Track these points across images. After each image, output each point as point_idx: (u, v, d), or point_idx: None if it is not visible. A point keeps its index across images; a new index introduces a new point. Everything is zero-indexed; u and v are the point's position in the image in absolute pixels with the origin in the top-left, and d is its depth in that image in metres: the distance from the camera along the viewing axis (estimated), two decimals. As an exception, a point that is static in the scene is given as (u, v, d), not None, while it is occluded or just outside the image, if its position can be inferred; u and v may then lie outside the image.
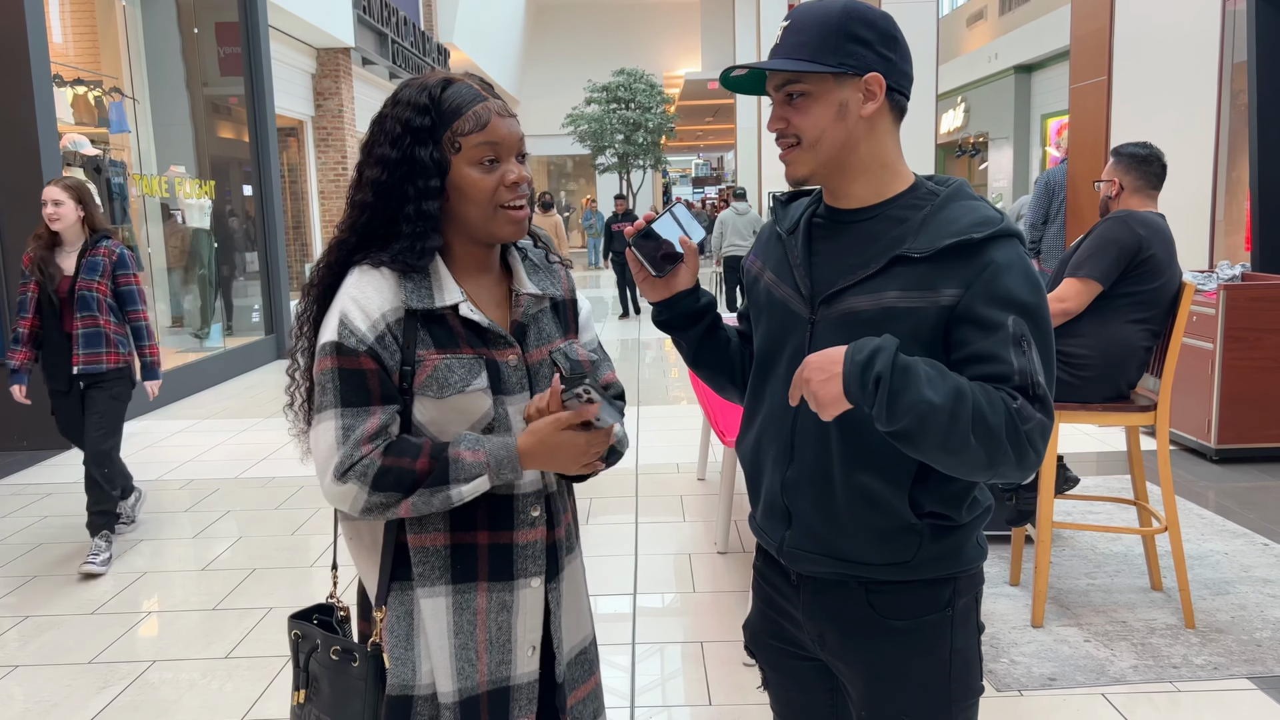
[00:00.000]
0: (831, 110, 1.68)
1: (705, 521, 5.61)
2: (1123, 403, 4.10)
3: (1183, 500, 5.65)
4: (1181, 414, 6.70)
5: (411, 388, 1.76)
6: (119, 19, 10.08)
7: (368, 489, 1.70)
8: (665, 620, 4.30)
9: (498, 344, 1.82)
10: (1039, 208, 8.86)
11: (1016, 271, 1.60)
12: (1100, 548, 4.96)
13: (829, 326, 1.71)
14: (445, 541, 1.81)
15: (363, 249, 1.82)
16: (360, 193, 1.81)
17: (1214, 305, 6.33)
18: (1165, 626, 4.05)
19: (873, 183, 1.74)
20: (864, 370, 1.52)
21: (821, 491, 1.73)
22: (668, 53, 38.87)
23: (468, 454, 1.73)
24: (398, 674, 1.81)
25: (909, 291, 1.63)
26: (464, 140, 1.76)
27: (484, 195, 1.77)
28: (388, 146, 1.77)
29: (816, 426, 1.73)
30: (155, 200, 10.24)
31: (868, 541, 1.70)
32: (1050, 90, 20.29)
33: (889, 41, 1.69)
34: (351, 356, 1.72)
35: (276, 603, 4.56)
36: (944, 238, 1.62)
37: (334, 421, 1.72)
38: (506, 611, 1.84)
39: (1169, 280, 4.03)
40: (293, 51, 14.96)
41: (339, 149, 16.36)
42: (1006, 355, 1.57)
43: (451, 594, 1.81)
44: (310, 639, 1.93)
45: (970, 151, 24.99)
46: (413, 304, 1.75)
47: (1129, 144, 4.34)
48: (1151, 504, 5.20)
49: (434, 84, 1.80)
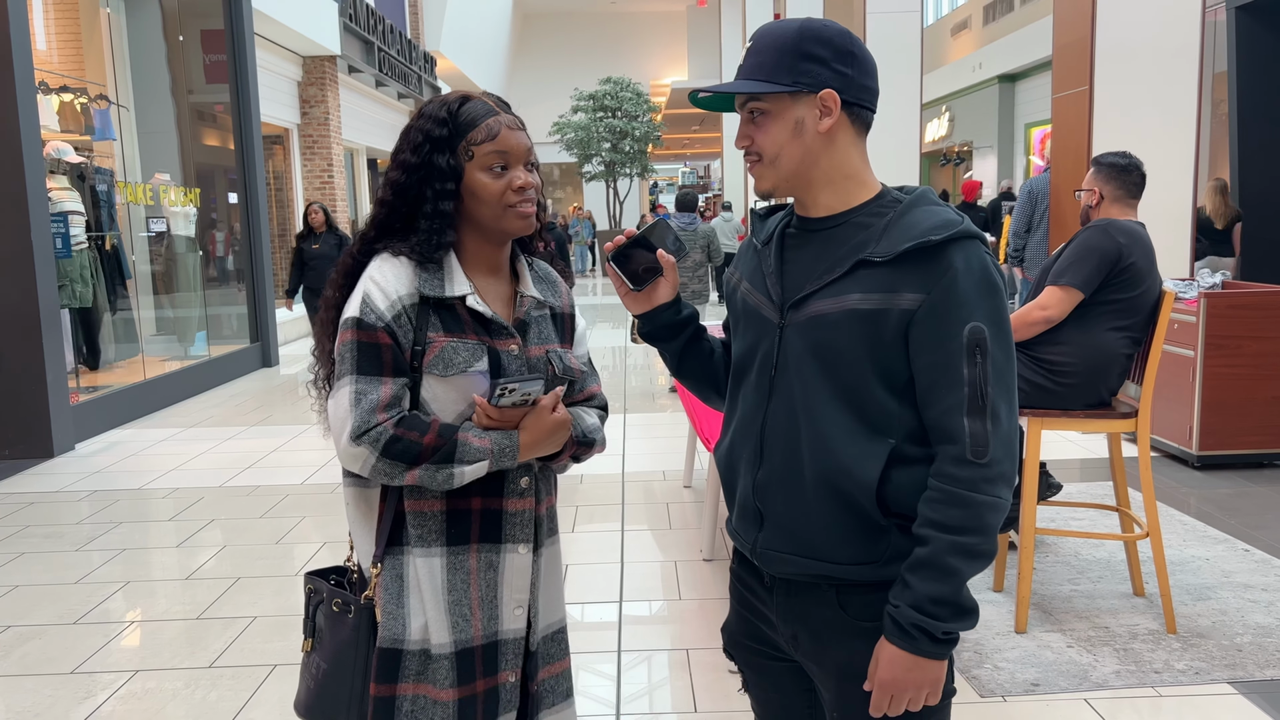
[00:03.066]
0: (789, 127, 1.74)
1: (691, 529, 5.61)
2: (1105, 410, 4.13)
3: (1164, 506, 5.67)
4: (1163, 421, 6.73)
5: (421, 366, 1.94)
6: (104, 26, 10.05)
7: (377, 454, 1.88)
8: (651, 628, 4.30)
9: (500, 334, 2.01)
10: (1022, 216, 8.89)
11: (975, 276, 1.66)
12: (1083, 554, 4.98)
13: (796, 331, 1.76)
14: (441, 507, 1.99)
15: (381, 241, 2.02)
16: (383, 192, 2.03)
17: (1195, 313, 6.36)
18: (1147, 632, 4.06)
19: (838, 193, 1.79)
20: (931, 637, 1.66)
21: (792, 491, 1.76)
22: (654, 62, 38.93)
23: (475, 439, 1.92)
24: (389, 627, 1.98)
25: (870, 294, 1.68)
26: (477, 149, 1.96)
27: (494, 197, 1.97)
28: (409, 153, 1.99)
29: (785, 427, 1.77)
30: (140, 208, 10.20)
31: (837, 539, 1.73)
32: (1034, 99, 20.41)
33: (845, 57, 1.73)
34: (370, 331, 1.92)
35: (260, 612, 4.54)
36: (904, 241, 1.67)
37: (350, 387, 1.91)
38: (493, 570, 2.02)
39: (1149, 288, 4.06)
40: (278, 59, 14.95)
41: (325, 156, 16.35)
42: (958, 366, 1.65)
43: (446, 554, 1.99)
44: (319, 593, 2.10)
45: (955, 160, 25.09)
46: (426, 291, 1.96)
47: (1109, 153, 4.36)
48: (1133, 510, 5.22)
49: (453, 100, 2.02)
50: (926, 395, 1.68)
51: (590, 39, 38.37)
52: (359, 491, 2.04)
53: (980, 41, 23.02)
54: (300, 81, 16.03)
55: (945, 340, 1.64)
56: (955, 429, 1.65)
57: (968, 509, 1.63)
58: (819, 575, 1.76)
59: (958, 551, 1.63)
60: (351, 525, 2.08)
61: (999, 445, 1.64)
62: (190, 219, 11.12)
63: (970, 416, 1.64)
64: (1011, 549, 4.95)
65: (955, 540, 1.63)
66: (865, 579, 1.73)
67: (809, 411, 1.74)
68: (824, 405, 1.72)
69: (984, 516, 1.64)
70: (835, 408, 1.72)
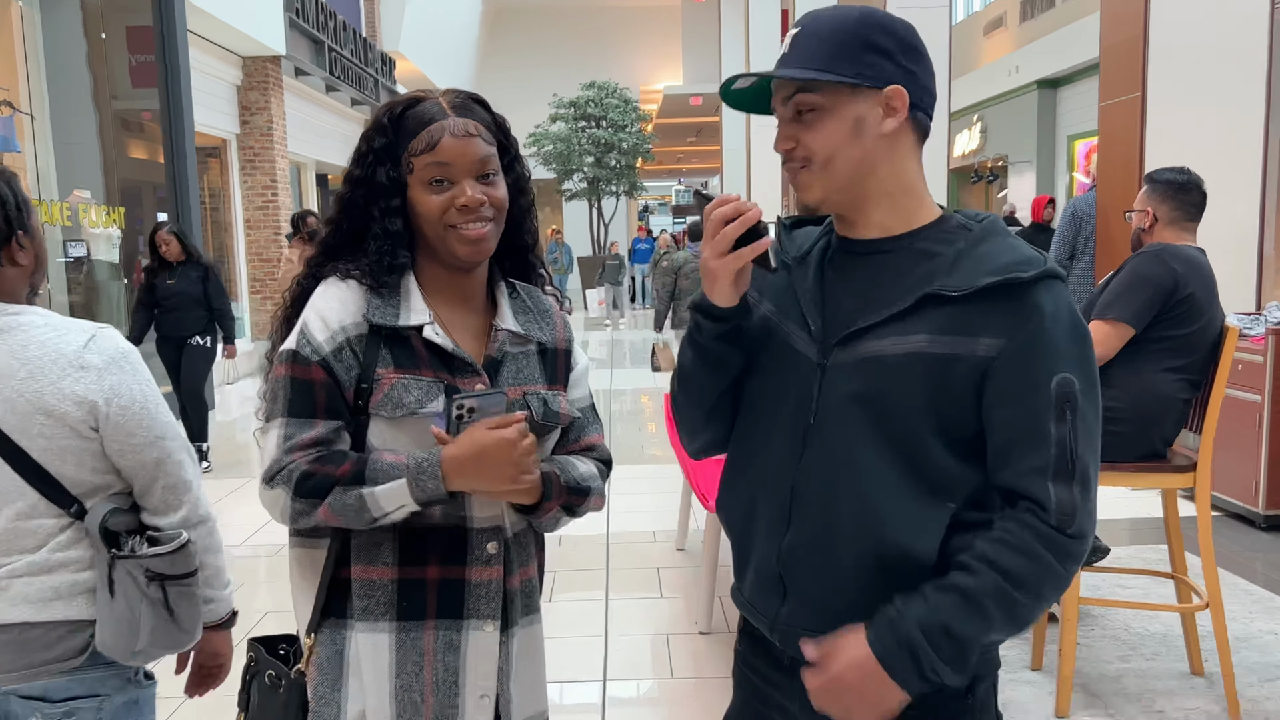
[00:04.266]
0: (846, 127, 1.69)
1: (686, 597, 5.61)
2: (1158, 462, 4.14)
3: (1226, 573, 5.69)
4: (1225, 475, 6.71)
5: (367, 407, 1.88)
6: (14, 22, 10.09)
7: (290, 493, 1.82)
8: (639, 711, 4.30)
9: (464, 372, 1.95)
10: (1064, 241, 8.85)
11: (1065, 321, 1.62)
12: (1134, 627, 5.00)
13: (842, 373, 1.70)
14: (393, 576, 1.92)
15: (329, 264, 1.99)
16: (332, 210, 2.02)
17: (1262, 352, 6.40)
18: (1207, 716, 4.08)
19: (895, 210, 1.74)
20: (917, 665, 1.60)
21: (826, 560, 1.71)
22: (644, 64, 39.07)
23: (389, 457, 1.85)
24: (321, 714, 1.93)
25: (941, 335, 1.64)
26: (416, 161, 1.92)
27: (433, 216, 1.92)
28: (355, 166, 1.96)
29: (822, 485, 1.72)
30: (56, 229, 10.21)
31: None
32: (1078, 108, 20.45)
33: (911, 53, 1.70)
34: (304, 366, 1.88)
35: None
36: (983, 275, 1.63)
37: (279, 430, 1.87)
38: (454, 652, 1.94)
39: (1209, 323, 4.07)
40: (215, 60, 14.99)
41: (267, 171, 16.30)
42: (1044, 423, 1.61)
43: (395, 632, 1.92)
44: (258, 662, 2.07)
45: (987, 177, 25.11)
46: (377, 319, 1.90)
47: (1164, 169, 4.37)
48: (1191, 577, 5.23)
49: (399, 103, 1.97)
50: (1003, 455, 1.65)
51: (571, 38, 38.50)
52: (303, 553, 2.00)
53: (1017, 42, 23.15)
54: (240, 86, 16.06)
55: (1030, 393, 1.61)
56: (1038, 494, 1.61)
57: (1035, 564, 1.60)
58: None
59: (1001, 599, 1.59)
60: (294, 590, 2.04)
61: (1086, 516, 1.62)
62: (114, 242, 11.11)
63: (1056, 481, 1.61)
64: (1052, 621, 4.95)
65: (1005, 588, 1.59)
66: None
67: (853, 467, 1.69)
68: (872, 461, 1.68)
69: (1045, 582, 1.61)
70: (886, 465, 1.67)
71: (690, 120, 36.27)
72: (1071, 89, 20.94)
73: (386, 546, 1.92)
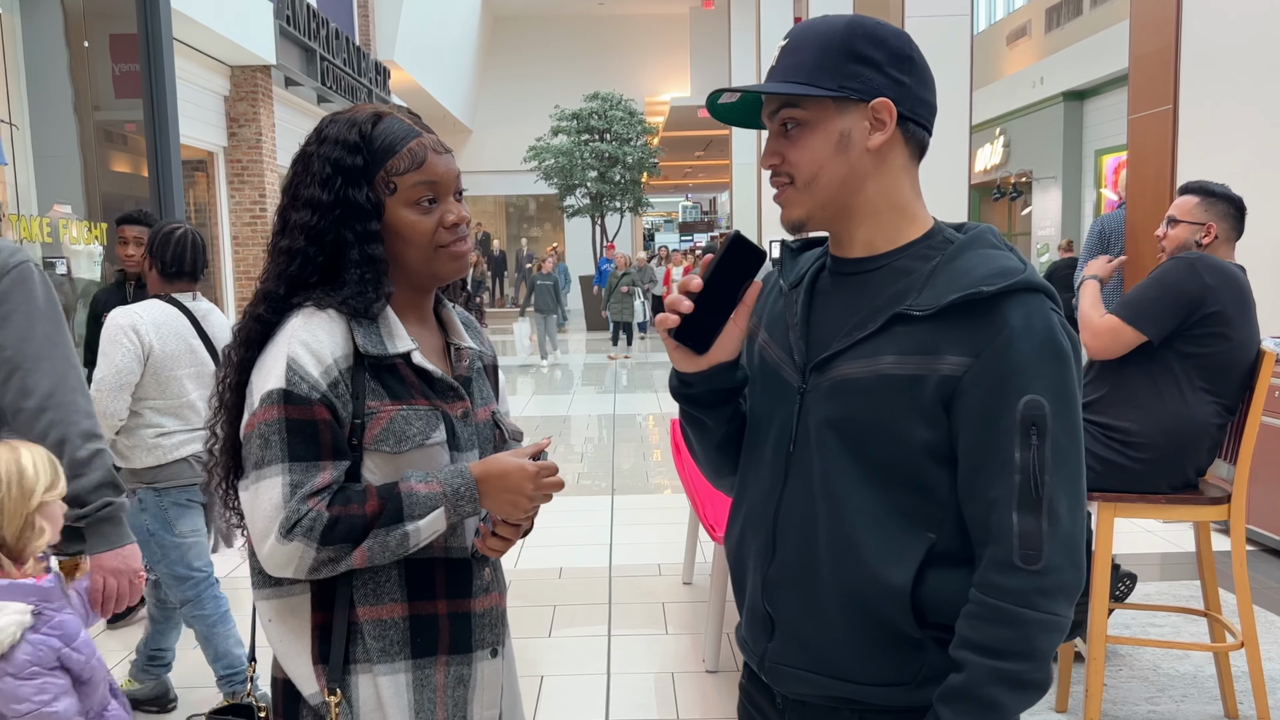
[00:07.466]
0: (831, 142, 1.68)
1: (692, 634, 5.60)
2: (1191, 493, 4.12)
3: (1262, 610, 5.68)
4: (1261, 507, 6.71)
5: (362, 443, 1.86)
6: (-6, 29, 10.13)
7: (315, 545, 1.78)
8: (643, 754, 4.29)
9: (447, 396, 1.97)
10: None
11: (1036, 337, 1.60)
12: (1164, 667, 4.98)
13: (820, 396, 1.71)
14: (404, 613, 1.92)
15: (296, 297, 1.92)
16: (288, 239, 1.92)
17: (1299, 377, 6.36)
18: (1243, 762, 4.07)
19: (882, 228, 1.73)
20: None
21: (806, 593, 1.72)
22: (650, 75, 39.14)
23: (421, 486, 1.84)
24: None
25: (906, 356, 1.63)
26: (399, 180, 1.89)
27: (423, 237, 1.91)
28: (317, 188, 1.88)
29: (801, 515, 1.72)
30: (36, 246, 10.23)
31: (860, 654, 1.69)
32: (1106, 121, 20.47)
33: (902, 62, 1.69)
34: (303, 405, 1.82)
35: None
36: (950, 292, 1.62)
37: (281, 478, 1.80)
38: (464, 686, 1.97)
39: (1242, 344, 4.03)
40: (202, 70, 15.04)
41: (256, 185, 16.34)
42: (1008, 449, 1.59)
43: (411, 670, 1.92)
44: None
45: (1010, 194, 25.15)
46: (368, 348, 1.87)
47: (1207, 181, 4.31)
48: (1225, 615, 5.22)
49: (364, 119, 1.92)
50: (969, 483, 1.63)
51: (574, 47, 38.55)
52: (283, 604, 1.94)
53: (1042, 52, 23.20)
54: (228, 97, 16.11)
55: (994, 416, 1.59)
56: (1002, 527, 1.59)
57: (1015, 628, 1.58)
58: (838, 698, 1.72)
59: (1000, 680, 1.58)
60: (276, 648, 1.97)
61: (1057, 548, 1.58)
62: (95, 259, 11.12)
63: (1020, 512, 1.58)
64: (1078, 660, 4.94)
65: (997, 667, 1.58)
66: (895, 704, 1.69)
67: (830, 497, 1.69)
68: (849, 489, 1.68)
69: (1034, 639, 1.59)
70: (862, 492, 1.67)
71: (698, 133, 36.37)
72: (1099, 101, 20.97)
73: (392, 582, 1.92)
